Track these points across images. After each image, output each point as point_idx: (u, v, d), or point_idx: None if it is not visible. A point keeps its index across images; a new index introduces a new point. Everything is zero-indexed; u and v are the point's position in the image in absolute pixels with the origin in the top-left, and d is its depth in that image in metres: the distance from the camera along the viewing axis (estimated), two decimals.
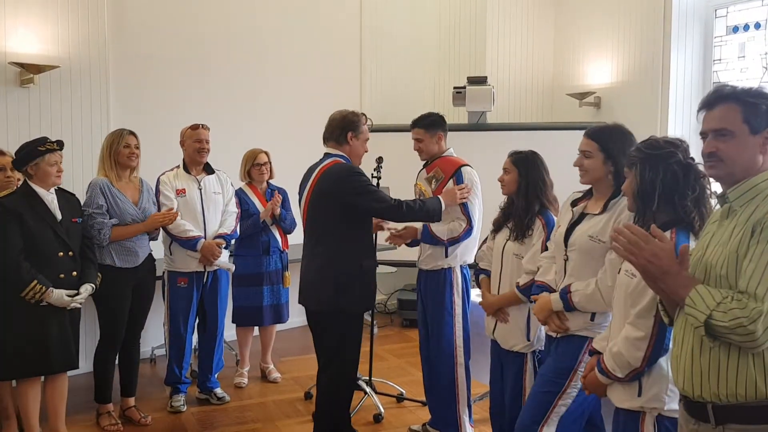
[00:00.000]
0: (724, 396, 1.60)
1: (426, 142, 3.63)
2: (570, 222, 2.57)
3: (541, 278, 2.74)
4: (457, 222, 3.50)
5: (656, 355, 2.01)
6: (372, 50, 6.66)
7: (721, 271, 1.61)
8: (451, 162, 3.60)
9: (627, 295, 2.06)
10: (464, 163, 3.60)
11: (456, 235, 3.49)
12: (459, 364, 3.54)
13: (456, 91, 6.14)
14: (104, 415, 3.94)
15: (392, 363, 5.19)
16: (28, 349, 3.30)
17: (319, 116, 6.15)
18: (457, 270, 3.57)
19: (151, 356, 5.17)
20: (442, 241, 3.50)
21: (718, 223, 1.74)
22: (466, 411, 3.58)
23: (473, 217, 3.52)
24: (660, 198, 2.03)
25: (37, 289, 3.24)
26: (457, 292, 3.55)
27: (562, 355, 2.60)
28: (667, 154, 2.05)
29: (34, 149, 3.35)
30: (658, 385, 2.04)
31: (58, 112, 4.69)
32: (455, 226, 3.49)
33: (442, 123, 3.67)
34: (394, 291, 6.68)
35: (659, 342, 1.99)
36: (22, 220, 3.26)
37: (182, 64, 5.48)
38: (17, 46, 4.52)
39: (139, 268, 3.85)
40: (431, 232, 3.51)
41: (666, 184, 2.03)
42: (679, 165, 2.04)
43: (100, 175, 3.83)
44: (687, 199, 2.02)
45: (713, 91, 1.76)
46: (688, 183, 2.03)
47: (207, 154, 4.20)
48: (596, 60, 6.30)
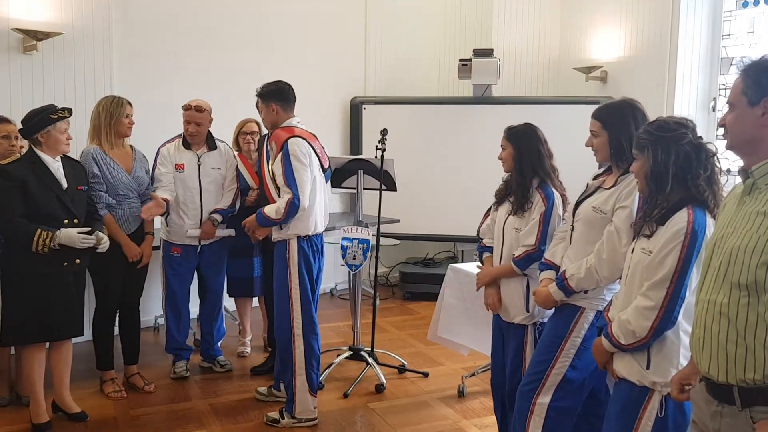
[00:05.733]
0: (751, 380, 1.59)
1: (262, 113, 3.65)
2: (583, 194, 2.61)
3: (548, 256, 2.76)
4: (284, 196, 3.42)
5: (663, 326, 2.03)
6: (376, 21, 6.58)
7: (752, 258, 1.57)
8: (281, 135, 3.52)
9: (643, 268, 2.08)
10: (292, 135, 3.50)
11: (284, 209, 3.39)
12: (296, 335, 3.55)
13: (461, 63, 6.09)
14: (108, 382, 3.98)
15: (393, 335, 5.22)
16: (33, 316, 3.32)
17: (323, 88, 6.17)
18: (293, 242, 3.53)
19: (155, 325, 5.21)
20: (275, 221, 3.45)
21: (739, 199, 1.71)
22: (304, 381, 3.57)
23: (298, 188, 3.40)
24: (673, 179, 2.05)
25: (44, 236, 3.23)
26: (293, 264, 3.52)
27: (555, 324, 2.67)
28: (679, 135, 2.06)
29: (46, 117, 3.33)
30: (668, 360, 2.06)
31: (61, 79, 4.67)
32: (280, 204, 3.42)
33: (278, 93, 3.61)
34: (396, 264, 6.70)
35: (668, 314, 2.02)
36: (27, 188, 3.26)
37: (185, 33, 5.43)
38: (21, 12, 4.48)
39: (131, 236, 3.85)
40: (264, 214, 3.48)
41: (679, 166, 2.05)
42: (691, 145, 2.06)
43: (94, 144, 3.80)
44: (700, 178, 2.05)
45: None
46: (700, 163, 2.06)
47: (198, 135, 4.11)
48: (603, 34, 6.23)
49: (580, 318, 2.57)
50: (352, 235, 4.22)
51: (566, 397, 2.62)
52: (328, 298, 6.34)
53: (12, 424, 3.54)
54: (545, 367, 2.63)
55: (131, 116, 3.86)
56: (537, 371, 2.66)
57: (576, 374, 2.60)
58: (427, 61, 6.82)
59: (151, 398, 3.96)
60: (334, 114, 6.43)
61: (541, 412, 2.64)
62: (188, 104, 4.11)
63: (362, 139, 6.38)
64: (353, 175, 4.40)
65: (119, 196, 3.81)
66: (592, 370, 2.57)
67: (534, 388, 2.65)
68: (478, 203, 3.87)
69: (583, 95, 6.15)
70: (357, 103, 6.43)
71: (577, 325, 2.57)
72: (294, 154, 3.44)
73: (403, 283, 6.42)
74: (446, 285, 3.98)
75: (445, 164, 6.23)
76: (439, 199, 6.21)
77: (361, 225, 4.28)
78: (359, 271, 4.31)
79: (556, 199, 2.93)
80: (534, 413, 2.65)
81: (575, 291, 2.53)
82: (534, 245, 2.88)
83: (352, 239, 4.21)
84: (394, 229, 5.73)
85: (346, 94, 6.47)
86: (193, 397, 3.99)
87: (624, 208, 2.39)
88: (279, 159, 3.44)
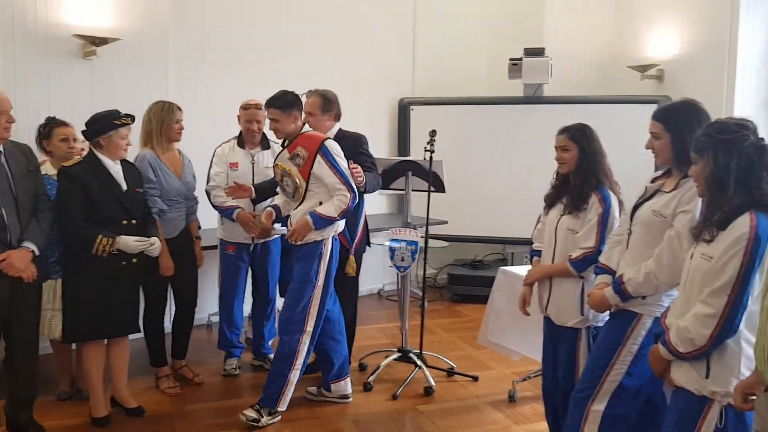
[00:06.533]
0: None
1: (282, 122, 3.61)
2: (641, 198, 2.55)
3: (604, 260, 2.70)
4: (339, 194, 3.52)
5: (724, 335, 1.97)
6: (425, 21, 6.56)
7: None
8: (312, 138, 3.61)
9: (703, 275, 2.02)
10: (325, 138, 3.62)
11: (345, 207, 3.53)
12: (307, 332, 3.61)
13: (512, 62, 6.03)
14: (163, 378, 4.08)
15: (442, 337, 5.20)
16: (92, 314, 3.42)
17: (371, 89, 6.19)
18: (329, 241, 3.63)
19: (208, 322, 5.32)
20: (335, 219, 3.55)
21: None
22: (297, 375, 3.63)
23: (351, 184, 3.56)
24: (735, 183, 1.99)
25: (104, 243, 3.34)
26: (325, 262, 3.62)
27: (611, 330, 2.62)
28: (740, 137, 2.00)
29: (109, 122, 3.43)
30: (728, 369, 1.99)
31: (119, 84, 4.80)
32: (339, 203, 3.52)
33: (298, 102, 3.67)
34: (444, 266, 6.67)
35: (728, 322, 1.95)
36: (88, 190, 3.36)
37: (236, 37, 5.51)
38: (81, 19, 4.63)
39: (177, 239, 3.95)
40: (321, 215, 3.52)
41: (741, 169, 1.99)
42: (753, 147, 2.00)
43: (147, 148, 3.90)
44: (763, 181, 1.98)
45: None
46: (763, 165, 1.99)
47: (259, 133, 4.19)
48: (660, 31, 6.06)
49: (637, 324, 2.51)
50: (401, 236, 4.22)
51: (622, 404, 2.57)
52: (376, 299, 6.37)
53: (73, 418, 3.67)
54: (600, 373, 2.58)
55: (181, 121, 3.94)
56: (592, 378, 2.61)
57: (632, 381, 2.54)
58: (476, 60, 6.75)
59: (204, 394, 4.05)
60: (382, 115, 6.44)
61: (595, 419, 2.59)
62: (248, 103, 4.18)
63: (410, 141, 6.38)
64: (401, 176, 4.40)
65: (170, 201, 3.90)
66: (648, 378, 2.51)
67: (588, 395, 2.60)
68: (529, 205, 3.84)
69: (639, 94, 6.01)
70: (405, 104, 6.42)
71: (634, 332, 2.52)
72: (338, 154, 3.56)
73: (451, 285, 6.39)
74: (496, 288, 3.95)
75: (494, 165, 6.17)
76: (489, 200, 6.15)
77: (409, 227, 4.28)
78: (407, 272, 4.31)
79: (613, 201, 2.87)
80: (588, 420, 2.60)
81: (632, 296, 2.48)
82: (593, 247, 2.83)
83: (401, 241, 4.22)
84: (443, 231, 5.70)
85: (394, 95, 6.47)
86: (244, 394, 4.05)
87: (686, 213, 2.33)
88: (321, 160, 3.51)
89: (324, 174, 3.53)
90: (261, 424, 3.58)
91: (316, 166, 3.53)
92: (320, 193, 3.57)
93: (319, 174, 3.54)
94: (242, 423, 3.58)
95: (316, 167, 3.53)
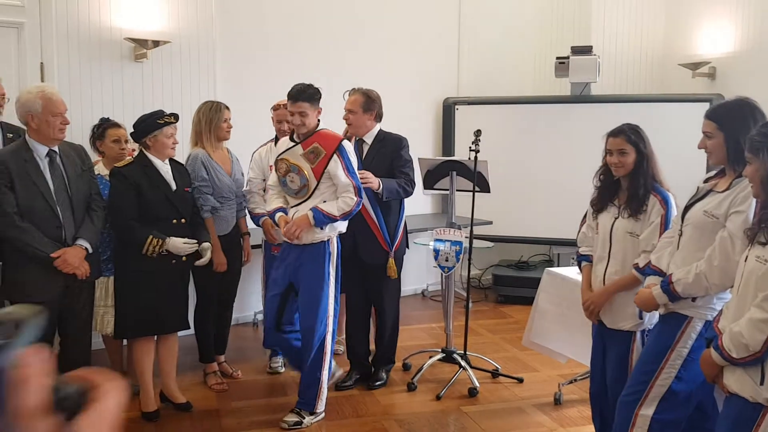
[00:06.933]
0: None
1: (310, 116, 3.51)
2: (693, 198, 2.49)
3: (654, 261, 2.62)
4: (346, 196, 3.52)
5: None
6: (470, 19, 6.51)
7: None
8: (330, 137, 3.55)
9: (757, 278, 1.96)
10: (343, 137, 3.62)
11: (348, 210, 3.52)
12: (329, 331, 3.63)
13: (559, 61, 5.94)
14: (211, 375, 4.16)
15: (487, 338, 5.16)
16: (143, 311, 3.51)
17: (416, 88, 6.18)
18: (334, 240, 3.63)
19: (254, 320, 5.39)
20: (336, 219, 3.52)
21: None
22: (327, 373, 3.67)
23: (361, 188, 3.58)
24: None
25: (155, 243, 3.42)
26: (333, 261, 3.62)
27: (660, 333, 2.57)
28: None
29: (153, 122, 3.52)
30: None
31: (168, 86, 4.92)
32: (346, 202, 3.51)
33: (320, 95, 3.60)
34: (489, 266, 6.62)
35: None
36: (139, 189, 3.45)
37: (283, 39, 5.58)
38: (132, 23, 4.76)
39: (229, 235, 4.02)
40: (323, 212, 3.49)
41: None
42: None
43: (198, 147, 3.97)
44: None
45: None
46: None
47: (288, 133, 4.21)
48: (712, 27, 5.90)
49: (687, 327, 2.45)
50: (445, 236, 4.21)
51: (671, 409, 2.51)
52: (420, 300, 6.35)
53: (124, 412, 3.75)
54: (649, 377, 2.52)
55: (229, 120, 4.01)
56: (640, 381, 2.56)
57: (682, 386, 2.48)
58: (522, 59, 6.67)
59: (250, 391, 4.11)
60: (426, 115, 6.43)
61: (643, 424, 2.53)
62: (278, 104, 4.19)
63: (455, 140, 6.34)
64: (446, 176, 4.38)
65: (222, 198, 3.97)
66: (699, 383, 2.44)
67: (637, 399, 2.55)
68: (575, 205, 3.78)
69: (690, 93, 5.86)
70: (450, 104, 6.39)
71: (684, 335, 2.46)
72: (353, 157, 3.59)
73: (495, 285, 6.34)
74: (541, 289, 3.89)
75: (540, 165, 6.08)
76: (534, 201, 6.08)
77: (453, 227, 4.26)
78: (452, 273, 4.29)
79: (671, 200, 2.77)
80: (636, 425, 2.55)
81: (681, 296, 2.41)
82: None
83: (445, 241, 4.20)
84: (487, 231, 5.65)
85: (438, 95, 6.45)
86: (288, 392, 4.09)
87: (739, 213, 2.26)
88: (337, 160, 3.52)
89: (338, 174, 3.50)
90: (305, 424, 3.61)
91: (331, 165, 3.50)
92: (327, 192, 3.55)
93: (333, 173, 3.51)
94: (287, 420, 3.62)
95: (331, 166, 3.50)
